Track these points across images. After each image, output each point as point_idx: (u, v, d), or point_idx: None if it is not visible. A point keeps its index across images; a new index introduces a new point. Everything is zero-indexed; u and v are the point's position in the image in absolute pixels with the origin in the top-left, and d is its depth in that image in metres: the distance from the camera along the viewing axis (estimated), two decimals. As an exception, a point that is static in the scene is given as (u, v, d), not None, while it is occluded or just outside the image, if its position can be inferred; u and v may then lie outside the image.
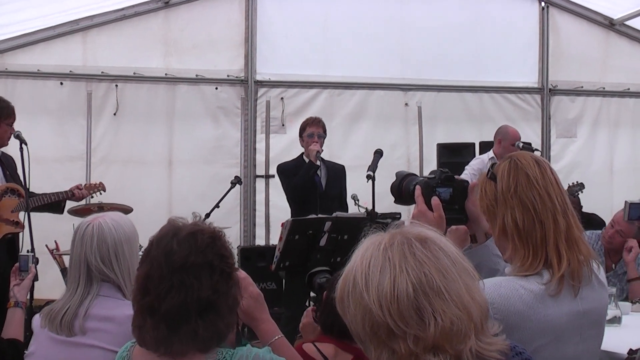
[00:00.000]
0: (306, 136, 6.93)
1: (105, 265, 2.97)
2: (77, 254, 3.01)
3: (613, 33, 10.16)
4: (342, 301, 1.74)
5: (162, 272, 2.18)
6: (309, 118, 7.21)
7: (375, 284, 1.66)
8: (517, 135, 7.93)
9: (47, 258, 7.13)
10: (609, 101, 10.23)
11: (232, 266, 2.27)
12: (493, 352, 1.67)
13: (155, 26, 8.85)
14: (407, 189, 2.67)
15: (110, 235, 3.00)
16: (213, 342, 2.18)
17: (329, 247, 6.01)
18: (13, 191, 5.87)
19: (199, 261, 2.18)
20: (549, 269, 2.26)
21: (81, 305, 2.95)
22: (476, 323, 1.66)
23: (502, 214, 2.34)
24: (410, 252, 1.68)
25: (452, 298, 1.65)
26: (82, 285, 2.98)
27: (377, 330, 1.65)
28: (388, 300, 1.63)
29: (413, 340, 1.62)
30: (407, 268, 1.65)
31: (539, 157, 2.41)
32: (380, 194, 6.14)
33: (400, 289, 1.63)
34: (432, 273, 1.65)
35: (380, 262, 1.68)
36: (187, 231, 2.23)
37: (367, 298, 1.66)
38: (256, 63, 9.15)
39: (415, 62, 9.54)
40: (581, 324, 2.31)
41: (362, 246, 1.76)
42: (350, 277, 1.72)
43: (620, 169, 10.21)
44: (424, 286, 1.64)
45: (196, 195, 8.47)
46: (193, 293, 2.15)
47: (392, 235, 1.73)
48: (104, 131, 8.68)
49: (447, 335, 1.62)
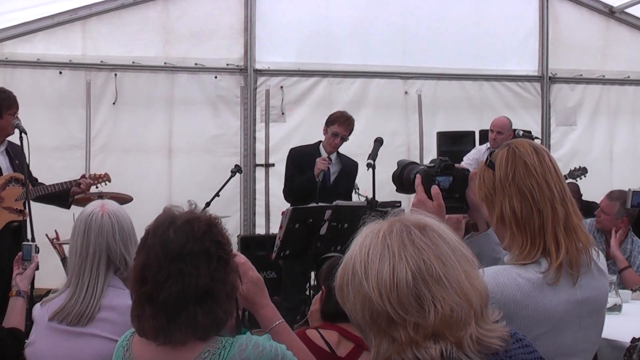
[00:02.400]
0: (330, 134, 6.82)
1: (127, 251, 3.00)
2: (97, 244, 2.99)
3: (613, 21, 10.14)
4: (341, 290, 1.74)
5: (159, 261, 2.19)
6: (342, 114, 6.97)
7: (374, 272, 1.65)
8: (495, 122, 8.02)
9: (48, 247, 7.13)
10: (608, 89, 10.22)
11: (230, 253, 2.27)
12: (493, 338, 1.67)
13: (154, 15, 8.83)
14: (407, 177, 2.67)
15: (125, 222, 3.06)
16: (212, 329, 2.19)
17: (329, 235, 6.02)
18: (17, 180, 5.88)
19: (196, 249, 2.19)
20: (547, 257, 2.26)
21: (94, 297, 2.95)
22: (476, 310, 1.66)
23: (500, 202, 2.33)
24: (409, 239, 1.68)
25: (451, 285, 1.64)
26: (101, 275, 2.97)
27: (377, 319, 1.65)
28: (387, 288, 1.63)
29: (413, 328, 1.62)
30: (406, 255, 1.65)
31: (537, 145, 2.40)
32: (380, 182, 6.14)
33: (400, 277, 1.63)
34: (432, 260, 1.65)
35: (379, 250, 1.67)
36: (184, 219, 2.24)
37: (366, 287, 1.65)
38: (255, 52, 9.13)
39: (415, 50, 9.52)
40: (580, 312, 2.30)
41: (361, 234, 1.75)
42: (349, 265, 1.72)
43: (620, 157, 10.21)
44: (423, 273, 1.64)
45: (196, 184, 8.47)
46: (191, 281, 2.16)
47: (390, 223, 1.73)
48: (104, 120, 8.67)
49: (447, 322, 1.62)
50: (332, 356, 2.96)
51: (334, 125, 6.82)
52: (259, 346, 2.21)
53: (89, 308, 2.93)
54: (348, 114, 7.01)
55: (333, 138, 6.81)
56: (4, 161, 6.00)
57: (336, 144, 6.83)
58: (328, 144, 6.84)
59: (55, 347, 2.97)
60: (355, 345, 2.99)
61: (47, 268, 5.33)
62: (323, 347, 2.96)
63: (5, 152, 6.02)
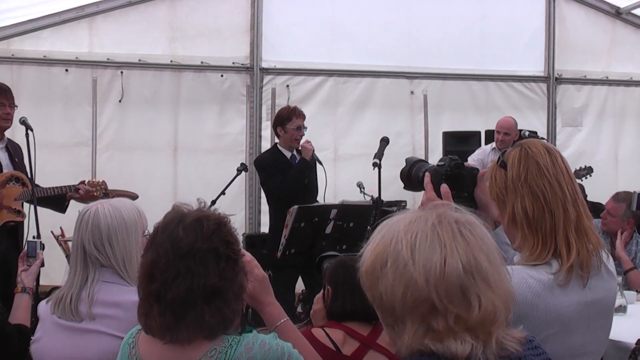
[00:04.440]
0: (293, 129, 6.70)
1: (99, 251, 2.98)
2: (75, 239, 3.04)
3: (619, 22, 10.12)
4: (373, 272, 1.71)
5: (168, 259, 2.18)
6: (293, 108, 6.93)
7: (423, 257, 1.64)
8: (501, 123, 8.07)
9: (53, 244, 7.13)
10: (614, 90, 10.20)
11: (238, 252, 2.27)
12: (512, 342, 1.68)
13: (161, 13, 8.83)
14: (416, 175, 2.67)
15: (105, 221, 3.00)
16: (219, 328, 2.19)
17: (335, 234, 6.02)
18: (17, 179, 5.81)
19: (205, 248, 2.18)
20: (557, 258, 2.25)
21: (83, 290, 2.97)
22: (508, 312, 1.68)
23: (511, 203, 2.32)
24: (460, 232, 1.68)
25: (496, 284, 1.66)
26: (79, 270, 3.00)
27: (419, 304, 1.64)
28: (437, 276, 1.62)
29: (454, 319, 1.62)
30: (458, 248, 1.65)
31: (550, 145, 2.39)
32: (386, 181, 6.15)
33: (451, 268, 1.63)
34: (480, 257, 1.66)
35: (430, 238, 1.66)
36: (193, 217, 2.24)
37: (412, 270, 1.64)
38: (262, 50, 9.13)
39: (421, 50, 9.51)
40: (589, 314, 2.30)
41: (401, 221, 1.73)
42: (389, 248, 1.69)
43: (625, 159, 10.19)
44: (472, 268, 1.64)
45: (202, 182, 8.46)
46: (200, 279, 2.15)
47: (438, 214, 1.72)
48: (110, 118, 8.68)
49: (488, 320, 1.63)
50: (338, 355, 2.96)
51: (291, 121, 6.70)
52: (266, 345, 2.20)
53: (77, 301, 2.95)
54: (296, 107, 7.02)
55: (297, 131, 6.72)
56: (4, 157, 5.96)
57: (302, 135, 6.75)
58: (293, 140, 6.72)
59: (60, 343, 2.98)
60: (361, 344, 3.00)
61: (52, 265, 5.33)
62: (329, 345, 2.96)
63: (5, 149, 5.98)
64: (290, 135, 6.73)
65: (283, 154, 6.78)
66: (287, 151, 6.78)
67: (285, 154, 6.78)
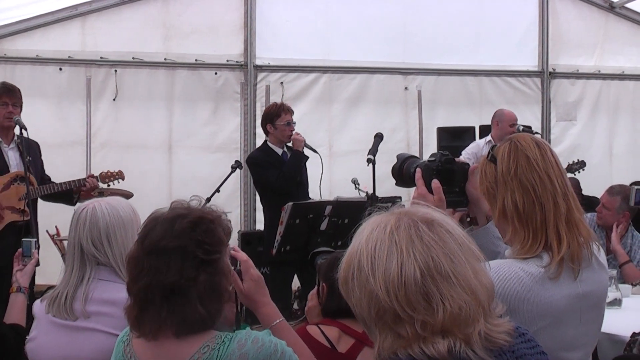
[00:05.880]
0: (283, 125, 6.70)
1: (97, 249, 2.98)
2: (71, 237, 3.04)
3: (613, 16, 10.13)
4: (346, 284, 1.72)
5: (137, 255, 2.24)
6: (280, 105, 6.94)
7: (382, 268, 1.63)
8: (513, 116, 8.02)
9: (49, 243, 7.14)
10: (608, 84, 10.21)
11: (212, 253, 2.24)
12: (501, 333, 1.67)
13: (154, 11, 8.82)
14: (407, 171, 2.67)
15: (103, 219, 3.00)
16: (184, 327, 2.18)
17: (330, 230, 6.02)
18: (23, 179, 5.77)
19: (170, 246, 2.20)
20: (548, 251, 2.26)
21: (79, 288, 2.97)
22: (484, 306, 1.65)
23: (502, 196, 2.33)
24: (417, 235, 1.65)
25: (460, 283, 1.63)
26: (76, 268, 3.00)
27: (383, 315, 1.63)
28: (395, 286, 1.61)
29: (420, 325, 1.60)
30: (415, 252, 1.63)
31: (539, 139, 2.40)
32: (380, 177, 6.14)
33: (408, 275, 1.61)
34: (440, 257, 1.63)
35: (387, 246, 1.65)
36: (169, 216, 2.27)
37: (373, 283, 1.63)
38: (255, 47, 9.13)
39: (415, 46, 9.51)
40: (581, 306, 2.31)
41: (366, 227, 1.72)
42: (354, 260, 1.69)
43: (620, 153, 10.20)
44: (431, 271, 1.62)
45: (196, 180, 8.44)
46: (159, 277, 2.18)
47: (398, 217, 1.70)
48: (104, 116, 8.68)
49: (456, 321, 1.60)
50: (333, 352, 2.95)
51: (280, 117, 6.71)
52: (259, 341, 2.20)
53: (72, 299, 2.95)
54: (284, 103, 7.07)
55: (287, 127, 6.72)
56: (13, 157, 5.95)
57: (292, 130, 6.74)
58: (284, 135, 6.72)
59: (55, 342, 2.97)
60: (356, 341, 2.99)
61: (48, 265, 5.33)
62: (323, 342, 2.95)
63: (16, 149, 5.97)
64: (280, 132, 6.73)
65: (274, 151, 6.77)
66: (278, 148, 6.77)
67: (276, 150, 6.76)
